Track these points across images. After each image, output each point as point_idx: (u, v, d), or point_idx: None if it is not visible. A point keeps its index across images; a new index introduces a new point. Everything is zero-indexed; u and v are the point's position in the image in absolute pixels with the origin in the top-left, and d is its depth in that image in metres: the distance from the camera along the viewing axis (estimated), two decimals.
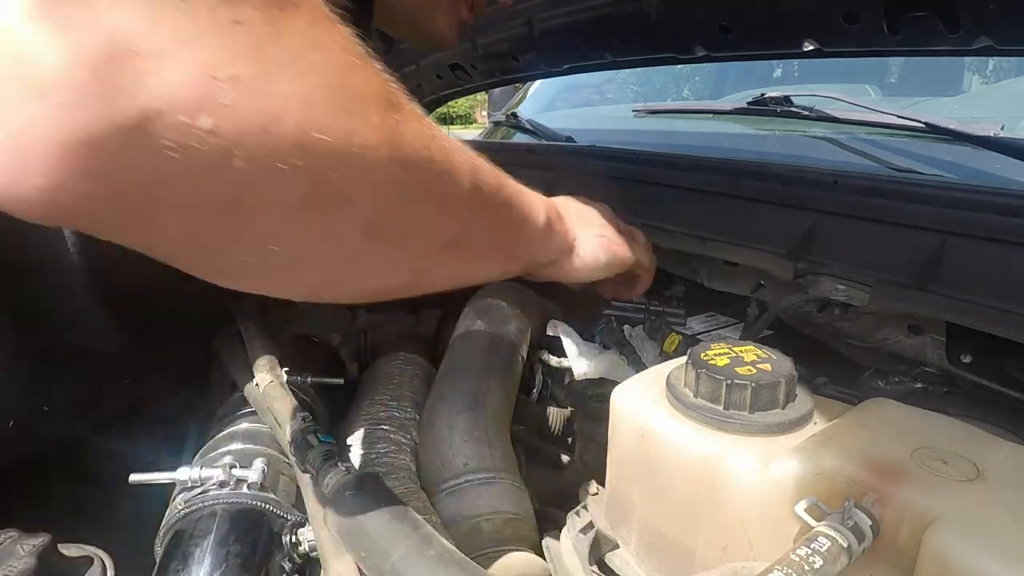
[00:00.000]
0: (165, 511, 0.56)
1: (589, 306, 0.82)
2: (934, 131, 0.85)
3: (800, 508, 0.42)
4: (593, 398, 0.71)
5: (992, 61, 1.17)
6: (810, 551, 0.37)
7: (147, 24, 0.24)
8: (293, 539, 0.55)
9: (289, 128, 0.28)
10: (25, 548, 0.48)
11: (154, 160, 0.25)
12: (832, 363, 0.77)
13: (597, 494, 0.64)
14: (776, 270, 0.74)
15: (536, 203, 0.56)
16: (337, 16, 0.31)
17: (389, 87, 0.35)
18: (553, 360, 0.86)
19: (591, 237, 0.64)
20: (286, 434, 0.57)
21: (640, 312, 0.90)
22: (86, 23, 0.23)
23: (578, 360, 0.84)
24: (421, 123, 0.38)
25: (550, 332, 0.85)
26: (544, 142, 1.46)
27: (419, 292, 0.45)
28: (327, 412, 0.72)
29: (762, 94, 1.13)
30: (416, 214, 0.40)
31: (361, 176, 0.34)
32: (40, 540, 0.49)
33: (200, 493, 0.55)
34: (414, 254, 0.43)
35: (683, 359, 0.57)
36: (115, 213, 0.27)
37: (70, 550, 0.53)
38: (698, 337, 0.88)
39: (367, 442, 0.66)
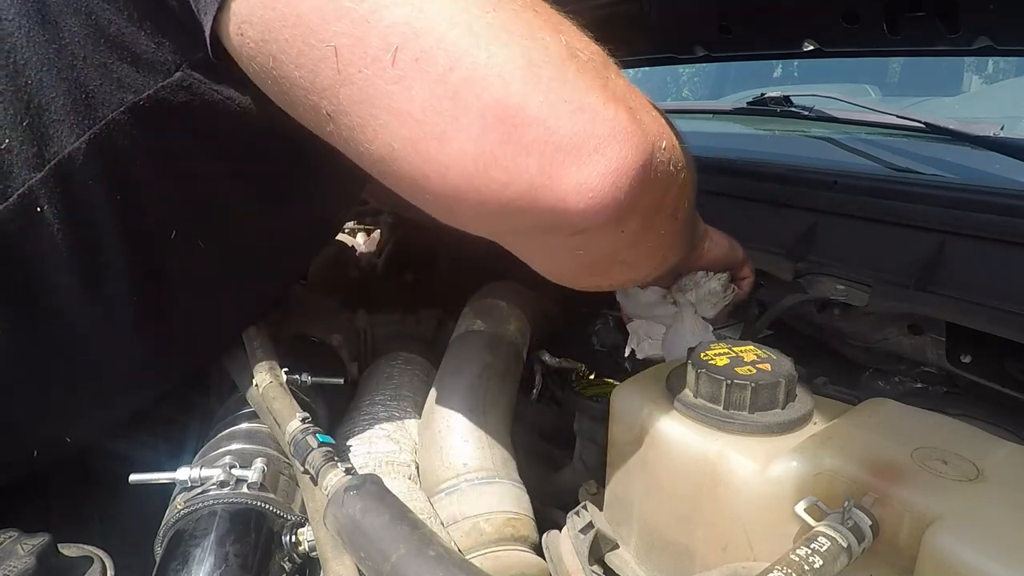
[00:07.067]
0: (165, 511, 0.56)
1: (585, 307, 0.82)
2: (934, 131, 0.85)
3: (800, 508, 0.42)
4: (593, 398, 0.71)
5: (992, 61, 1.17)
6: (810, 551, 0.37)
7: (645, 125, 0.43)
8: (293, 539, 0.55)
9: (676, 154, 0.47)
10: (25, 548, 0.48)
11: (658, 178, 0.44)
12: (832, 363, 0.77)
13: (597, 494, 0.64)
14: (776, 270, 0.74)
15: None
16: None
17: None
18: (553, 360, 0.86)
19: (711, 230, 0.71)
20: (286, 434, 0.57)
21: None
22: (639, 135, 0.42)
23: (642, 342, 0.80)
24: None
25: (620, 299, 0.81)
26: None
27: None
28: (327, 412, 0.72)
29: (762, 94, 1.13)
30: (685, 210, 0.55)
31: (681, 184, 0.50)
32: (40, 540, 0.49)
33: (200, 493, 0.55)
34: (672, 240, 0.56)
35: (683, 359, 0.57)
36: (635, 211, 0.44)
37: (70, 550, 0.53)
38: None
39: (367, 442, 0.66)
